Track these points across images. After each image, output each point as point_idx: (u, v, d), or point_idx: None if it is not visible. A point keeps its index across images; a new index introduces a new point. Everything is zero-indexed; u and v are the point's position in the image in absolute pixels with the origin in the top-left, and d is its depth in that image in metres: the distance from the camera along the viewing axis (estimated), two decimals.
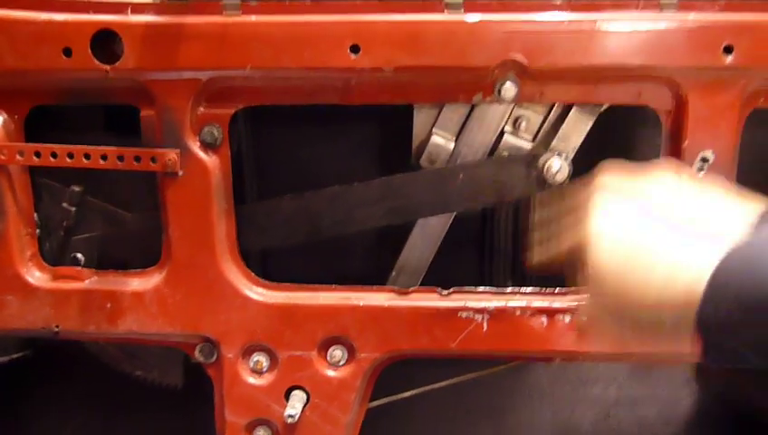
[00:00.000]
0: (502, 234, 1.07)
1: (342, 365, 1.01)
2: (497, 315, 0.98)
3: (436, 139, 0.97)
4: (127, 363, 1.11)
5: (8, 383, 1.15)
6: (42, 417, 1.19)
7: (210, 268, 0.99)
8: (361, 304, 0.99)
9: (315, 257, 1.05)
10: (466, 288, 0.99)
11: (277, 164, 1.05)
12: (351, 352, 1.00)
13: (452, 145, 0.97)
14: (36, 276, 1.01)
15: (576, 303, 0.96)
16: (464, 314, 0.98)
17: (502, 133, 0.97)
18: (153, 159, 0.94)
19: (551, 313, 0.98)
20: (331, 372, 1.01)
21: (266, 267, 1.07)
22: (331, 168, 1.03)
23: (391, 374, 1.04)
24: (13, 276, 1.01)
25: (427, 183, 0.97)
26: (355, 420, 1.03)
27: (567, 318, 0.98)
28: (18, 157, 0.96)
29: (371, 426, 1.03)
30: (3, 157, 0.95)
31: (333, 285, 1.00)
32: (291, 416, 0.97)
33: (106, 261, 1.03)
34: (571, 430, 1.26)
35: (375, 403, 1.05)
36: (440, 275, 1.04)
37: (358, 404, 1.02)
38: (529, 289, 0.99)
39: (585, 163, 0.94)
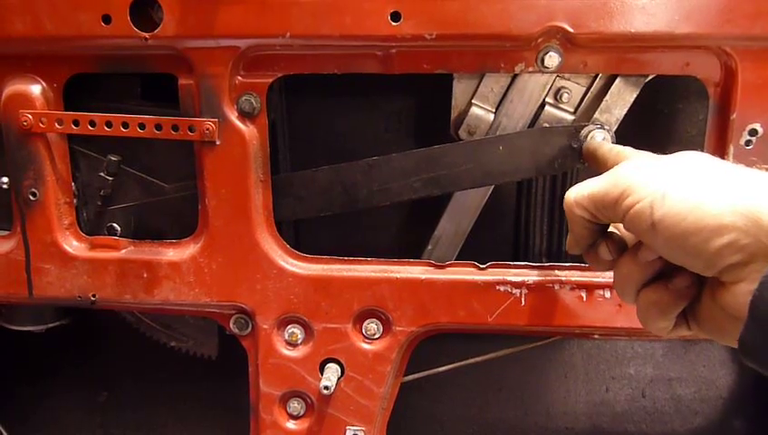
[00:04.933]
0: (537, 208, 1.06)
1: (378, 338, 1.00)
2: (535, 290, 0.97)
3: (476, 109, 0.95)
4: (162, 334, 1.11)
5: (44, 351, 1.16)
6: (77, 385, 1.20)
7: (246, 239, 0.98)
8: (398, 276, 0.98)
9: (349, 229, 1.05)
10: (504, 262, 0.98)
11: (312, 134, 1.04)
12: (387, 325, 0.99)
13: (492, 116, 0.95)
14: (74, 245, 1.02)
15: None
16: (501, 289, 0.97)
17: (543, 105, 0.95)
18: (191, 129, 0.94)
19: (590, 288, 0.96)
20: (366, 345, 1.00)
21: (298, 237, 1.07)
22: (367, 138, 1.02)
23: (425, 349, 1.03)
24: (51, 245, 1.01)
25: (466, 154, 0.95)
26: (390, 393, 1.02)
27: (606, 293, 0.96)
28: (57, 125, 0.96)
29: (404, 400, 1.03)
30: (42, 125, 0.96)
31: (369, 258, 0.99)
32: (326, 387, 0.97)
33: (142, 231, 1.03)
34: (605, 409, 1.25)
35: (409, 377, 1.04)
36: (473, 248, 1.03)
37: (393, 377, 1.02)
38: (568, 263, 0.97)
39: (628, 137, 0.92)
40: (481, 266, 0.97)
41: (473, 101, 0.95)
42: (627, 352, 1.27)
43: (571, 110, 0.95)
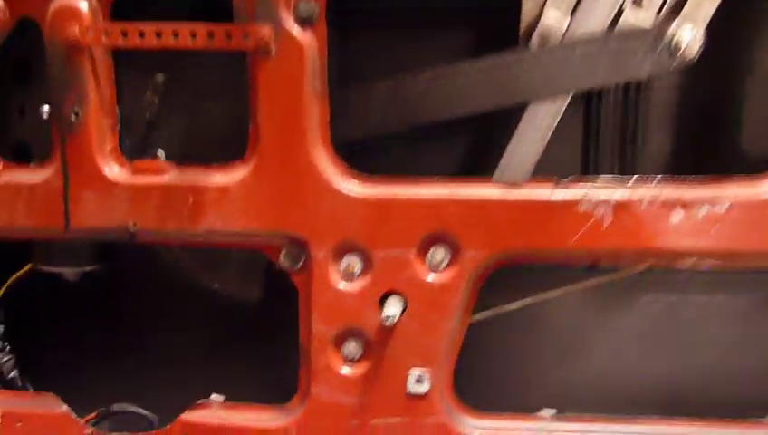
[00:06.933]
0: (609, 120, 0.97)
1: (444, 268, 0.90)
2: (621, 208, 0.87)
3: (549, 15, 0.88)
4: (204, 275, 1.02)
5: (75, 299, 1.08)
6: (108, 335, 1.11)
7: (301, 159, 0.91)
8: (468, 198, 0.89)
9: (411, 149, 0.96)
10: (586, 177, 0.88)
11: (372, 43, 0.97)
12: (455, 252, 0.90)
13: (566, 22, 0.89)
14: (115, 171, 0.95)
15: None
16: (583, 208, 0.87)
17: (620, 11, 0.89)
18: (245, 36, 0.88)
19: (684, 205, 0.86)
20: (431, 276, 0.91)
21: (354, 162, 0.98)
22: (430, 48, 0.95)
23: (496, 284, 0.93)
24: (91, 171, 0.94)
25: (540, 61, 0.88)
26: (458, 330, 0.92)
27: (703, 210, 0.86)
28: (104, 37, 0.91)
29: (475, 340, 0.92)
30: (89, 37, 0.91)
31: (436, 177, 0.91)
32: (388, 317, 0.87)
33: (188, 157, 0.96)
34: None
35: (481, 315, 0.94)
36: (537, 166, 0.94)
37: (461, 312, 0.91)
38: (658, 177, 0.88)
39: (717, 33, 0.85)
40: (559, 183, 0.88)
41: (545, 6, 0.89)
42: None
43: (653, 12, 0.88)
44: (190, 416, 0.99)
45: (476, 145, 0.98)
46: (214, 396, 0.99)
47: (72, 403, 1.01)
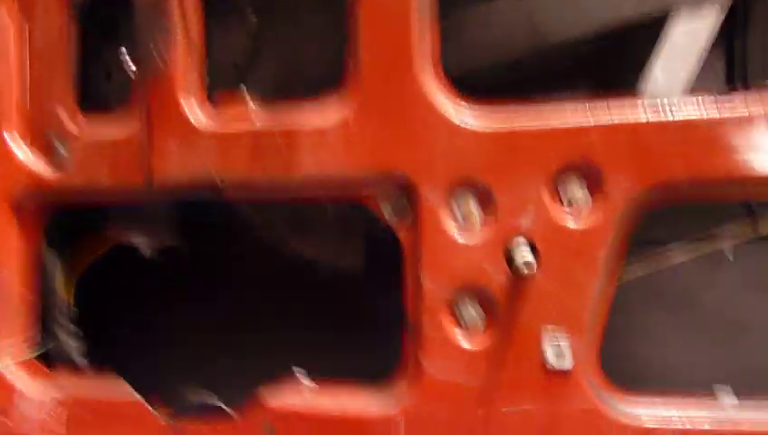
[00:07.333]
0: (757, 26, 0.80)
1: (585, 208, 0.74)
2: None
3: None
4: (297, 242, 0.89)
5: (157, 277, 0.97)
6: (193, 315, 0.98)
7: (408, 90, 0.78)
8: (612, 121, 0.73)
9: (527, 76, 0.82)
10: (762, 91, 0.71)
11: None
12: (598, 187, 0.73)
13: None
14: (202, 118, 0.86)
15: None
16: (763, 126, 0.70)
17: None
18: None
19: None
20: (569, 219, 0.74)
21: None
22: None
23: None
24: (175, 118, 0.86)
25: None
26: (604, 287, 0.73)
27: None
28: None
29: (629, 297, 0.73)
30: None
31: (571, 102, 0.76)
32: (527, 263, 0.70)
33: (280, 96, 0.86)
34: None
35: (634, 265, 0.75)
36: None
37: (609, 265, 0.73)
38: None
39: None
40: (723, 99, 0.71)
41: None
42: None
43: None
44: (274, 401, 0.83)
45: (601, 66, 0.83)
46: (297, 373, 0.84)
47: (141, 385, 0.88)
